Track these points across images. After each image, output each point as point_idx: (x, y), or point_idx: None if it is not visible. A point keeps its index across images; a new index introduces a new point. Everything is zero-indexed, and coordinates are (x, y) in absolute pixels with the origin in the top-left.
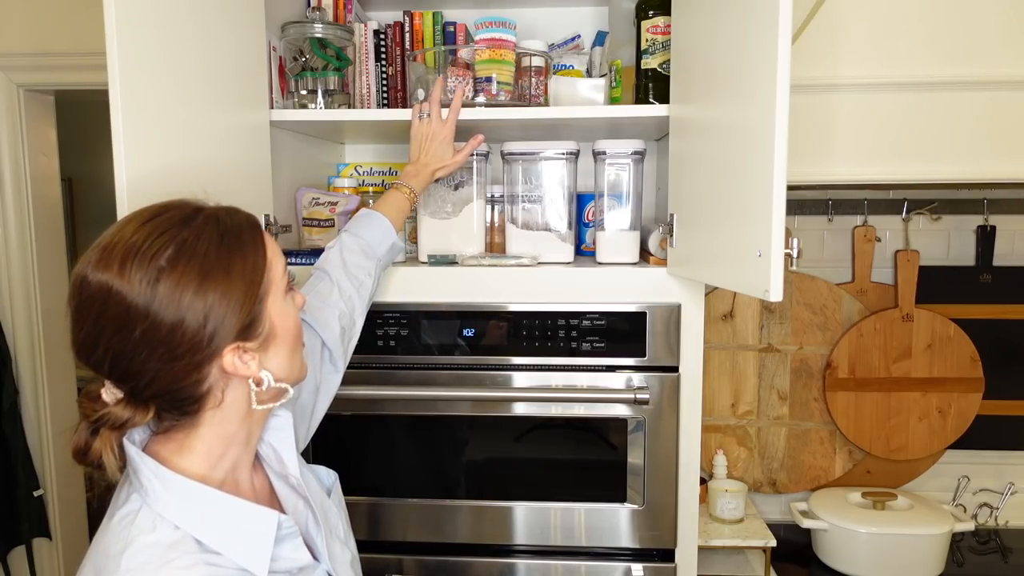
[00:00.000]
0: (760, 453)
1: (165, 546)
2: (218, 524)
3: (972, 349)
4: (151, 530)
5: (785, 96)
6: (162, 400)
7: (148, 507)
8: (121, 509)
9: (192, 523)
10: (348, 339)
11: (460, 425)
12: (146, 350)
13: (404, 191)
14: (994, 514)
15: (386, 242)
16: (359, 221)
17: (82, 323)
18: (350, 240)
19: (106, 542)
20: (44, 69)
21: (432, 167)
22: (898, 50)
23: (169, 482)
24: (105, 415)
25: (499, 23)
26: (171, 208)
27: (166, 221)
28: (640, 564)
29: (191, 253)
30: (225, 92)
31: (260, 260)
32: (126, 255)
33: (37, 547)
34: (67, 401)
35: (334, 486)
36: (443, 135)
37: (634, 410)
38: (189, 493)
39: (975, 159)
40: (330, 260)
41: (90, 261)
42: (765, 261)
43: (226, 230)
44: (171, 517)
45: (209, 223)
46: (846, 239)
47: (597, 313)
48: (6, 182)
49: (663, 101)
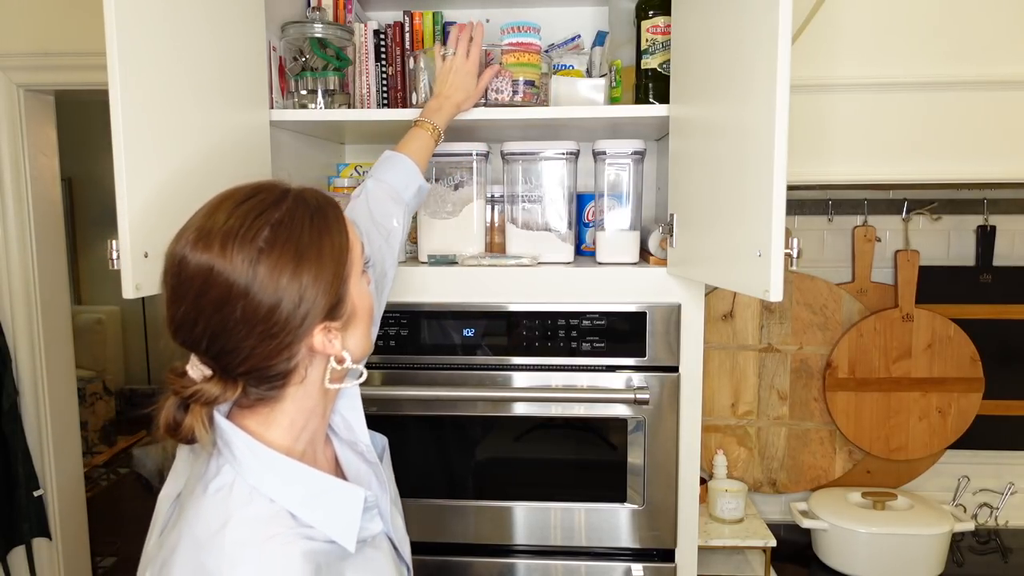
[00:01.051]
0: (760, 453)
1: (264, 520)
2: (311, 499)
3: (972, 349)
4: (247, 503)
5: (785, 96)
6: (251, 376)
7: (242, 479)
8: (214, 481)
9: (286, 497)
10: (380, 292)
11: (460, 425)
12: (244, 329)
13: (427, 127)
14: (994, 514)
15: (412, 186)
16: (383, 165)
17: (180, 302)
18: (375, 186)
19: (203, 515)
20: (44, 69)
21: (456, 98)
22: (898, 50)
23: (262, 455)
24: (197, 391)
25: (526, 28)
26: (262, 190)
27: (260, 203)
28: (640, 564)
29: (287, 235)
30: (225, 92)
31: (345, 241)
32: (226, 236)
33: (37, 547)
34: (67, 401)
35: (385, 449)
36: (467, 67)
37: (634, 410)
38: (282, 467)
39: (975, 159)
40: (357, 210)
41: (188, 242)
42: (765, 261)
43: (315, 211)
44: (266, 490)
45: (299, 204)
46: (846, 239)
47: (597, 313)
48: (6, 182)
49: (663, 101)
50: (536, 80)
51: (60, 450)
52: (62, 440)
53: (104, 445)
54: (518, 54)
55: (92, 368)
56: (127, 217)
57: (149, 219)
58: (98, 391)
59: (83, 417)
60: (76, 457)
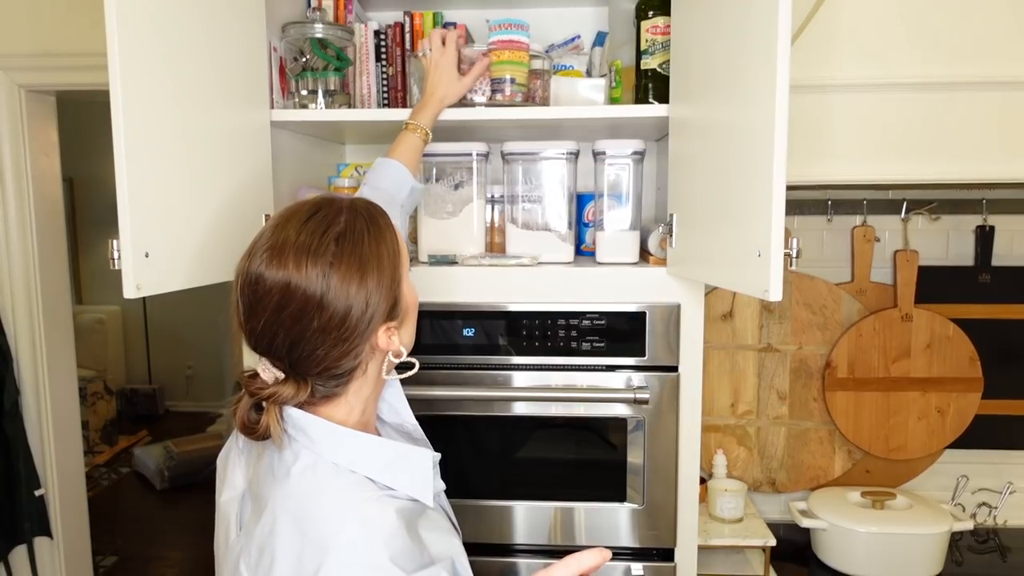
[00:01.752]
0: (760, 453)
1: (355, 485)
2: (389, 464)
3: (971, 349)
4: (335, 475)
5: (784, 96)
6: (322, 376)
7: (322, 458)
8: (295, 465)
9: (366, 466)
10: None
11: (460, 425)
12: (321, 336)
13: (413, 128)
14: (993, 513)
15: (405, 187)
16: (375, 172)
17: (259, 316)
18: (371, 194)
19: (294, 492)
20: (45, 69)
21: (437, 94)
22: (898, 50)
23: (338, 434)
24: (274, 393)
25: (516, 25)
26: (322, 206)
27: (324, 219)
28: (640, 563)
29: (351, 247)
30: (226, 92)
31: (397, 245)
32: (299, 253)
33: (38, 546)
34: (68, 400)
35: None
36: (444, 61)
37: (634, 410)
38: (357, 441)
39: (974, 159)
40: None
41: (263, 260)
42: (765, 261)
43: (369, 221)
44: (346, 464)
45: (356, 216)
46: (845, 239)
47: (597, 313)
48: (7, 182)
49: (663, 101)
50: (521, 78)
51: (61, 449)
52: (63, 439)
53: (105, 445)
54: (499, 52)
55: (93, 368)
56: (128, 217)
57: (150, 219)
58: (99, 391)
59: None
60: (77, 456)
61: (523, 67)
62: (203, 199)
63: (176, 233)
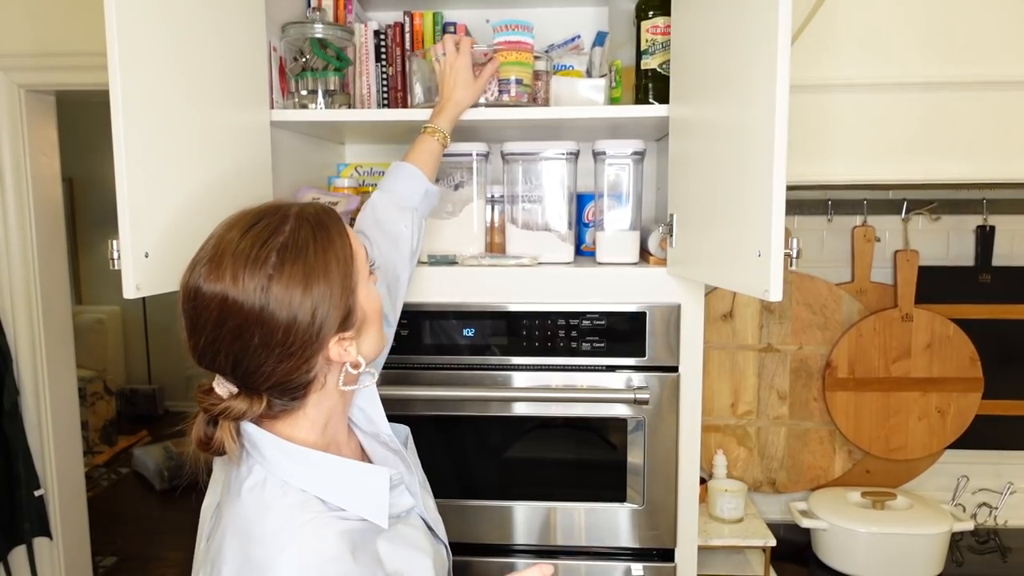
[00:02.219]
0: (760, 453)
1: (298, 507)
2: (339, 483)
3: (971, 349)
4: (282, 495)
5: (784, 96)
6: (275, 390)
7: (273, 476)
8: (247, 481)
9: (316, 485)
10: (394, 295)
11: (460, 425)
12: (264, 352)
13: (431, 131)
14: (993, 514)
15: (418, 190)
16: (388, 175)
17: (200, 332)
18: (380, 196)
19: (242, 512)
20: (45, 69)
21: (455, 96)
22: (897, 50)
23: (290, 452)
24: (226, 408)
25: (521, 26)
26: (265, 215)
27: (265, 229)
28: (640, 564)
29: (294, 256)
30: (226, 92)
31: (349, 251)
32: (236, 265)
33: (38, 546)
34: (68, 401)
35: (408, 439)
36: (460, 65)
37: (634, 410)
38: (309, 459)
39: (975, 159)
40: (364, 221)
41: (201, 273)
42: (765, 261)
43: (316, 227)
44: (296, 482)
45: (302, 224)
46: (846, 239)
47: (597, 313)
48: (7, 182)
49: (663, 101)
50: (526, 79)
51: (61, 450)
52: (63, 440)
53: (105, 445)
54: (506, 52)
55: (93, 368)
56: (128, 217)
57: (150, 219)
58: (99, 391)
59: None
60: (77, 457)
61: (528, 68)
62: (203, 199)
63: (176, 233)
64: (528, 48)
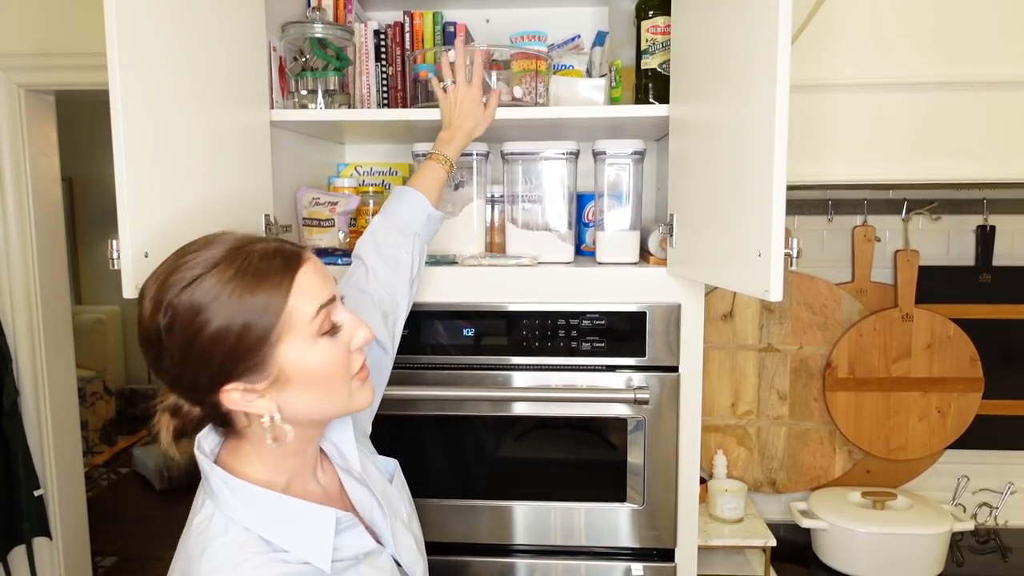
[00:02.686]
0: (760, 453)
1: (237, 546)
2: (282, 524)
3: (972, 349)
4: (224, 533)
5: (785, 96)
6: (203, 411)
7: (220, 511)
8: (198, 515)
9: (259, 524)
10: (393, 321)
11: (460, 425)
12: (170, 378)
13: (440, 159)
14: (993, 514)
15: (420, 216)
16: (391, 200)
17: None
18: (381, 221)
19: (188, 546)
20: (44, 69)
21: (466, 127)
22: (898, 50)
23: (236, 488)
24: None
25: (536, 36)
26: (198, 248)
27: (193, 261)
28: (640, 564)
29: (204, 298)
30: (225, 92)
31: (275, 305)
32: (158, 291)
33: (37, 546)
34: (67, 401)
35: (395, 473)
36: (472, 95)
37: (634, 410)
38: (254, 497)
39: (975, 159)
40: (364, 245)
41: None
42: (765, 261)
43: (244, 275)
44: (240, 520)
45: (232, 264)
46: (846, 239)
47: (597, 313)
48: (7, 182)
49: (663, 101)
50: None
51: (60, 450)
52: (62, 440)
53: (104, 445)
54: (525, 61)
55: (92, 368)
56: (127, 217)
57: (150, 219)
58: (98, 391)
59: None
60: (76, 457)
61: (544, 75)
62: (203, 199)
63: (176, 233)
64: (545, 56)
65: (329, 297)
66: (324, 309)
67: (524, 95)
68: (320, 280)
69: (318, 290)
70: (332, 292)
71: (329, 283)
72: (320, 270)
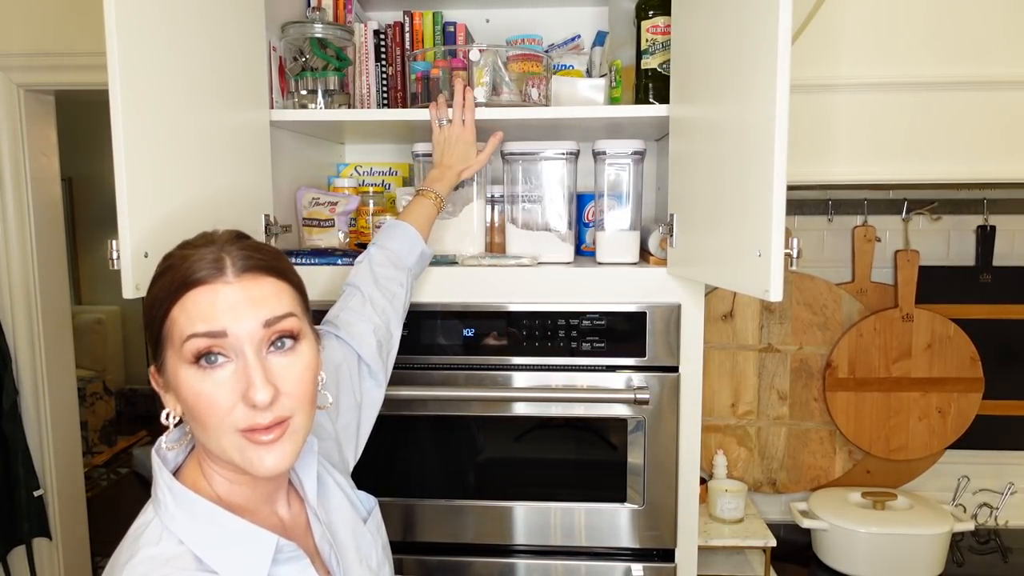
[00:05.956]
0: (760, 453)
1: (163, 560)
2: (218, 542)
3: (972, 349)
4: (156, 543)
5: (785, 96)
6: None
7: (159, 519)
8: (139, 519)
9: (194, 539)
10: (387, 352)
11: (460, 425)
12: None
13: (430, 196)
14: (994, 514)
15: (415, 251)
16: (386, 233)
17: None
18: (378, 253)
19: (119, 550)
20: (44, 69)
21: (457, 168)
22: (898, 50)
23: (179, 496)
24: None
25: (531, 39)
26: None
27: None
28: (640, 564)
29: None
30: (225, 92)
31: (165, 305)
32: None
33: (37, 547)
34: (67, 401)
35: (372, 512)
36: (467, 137)
37: (634, 410)
38: (195, 509)
39: (975, 159)
40: (360, 274)
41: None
42: (765, 261)
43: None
44: (177, 531)
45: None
46: (846, 239)
47: (597, 313)
48: (6, 182)
49: (663, 101)
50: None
51: (60, 450)
52: (62, 440)
53: (104, 445)
54: (523, 63)
55: (92, 368)
56: (127, 217)
57: (149, 219)
58: (98, 391)
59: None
60: (76, 457)
61: (540, 76)
62: (202, 199)
63: (175, 233)
64: (539, 58)
65: (220, 330)
66: (201, 339)
67: (524, 96)
68: (225, 310)
69: (208, 317)
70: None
71: (242, 320)
72: (239, 302)
